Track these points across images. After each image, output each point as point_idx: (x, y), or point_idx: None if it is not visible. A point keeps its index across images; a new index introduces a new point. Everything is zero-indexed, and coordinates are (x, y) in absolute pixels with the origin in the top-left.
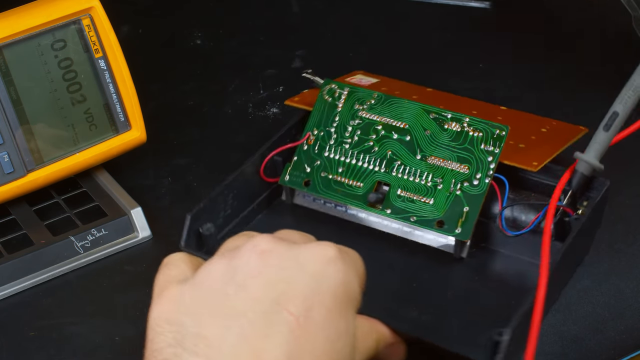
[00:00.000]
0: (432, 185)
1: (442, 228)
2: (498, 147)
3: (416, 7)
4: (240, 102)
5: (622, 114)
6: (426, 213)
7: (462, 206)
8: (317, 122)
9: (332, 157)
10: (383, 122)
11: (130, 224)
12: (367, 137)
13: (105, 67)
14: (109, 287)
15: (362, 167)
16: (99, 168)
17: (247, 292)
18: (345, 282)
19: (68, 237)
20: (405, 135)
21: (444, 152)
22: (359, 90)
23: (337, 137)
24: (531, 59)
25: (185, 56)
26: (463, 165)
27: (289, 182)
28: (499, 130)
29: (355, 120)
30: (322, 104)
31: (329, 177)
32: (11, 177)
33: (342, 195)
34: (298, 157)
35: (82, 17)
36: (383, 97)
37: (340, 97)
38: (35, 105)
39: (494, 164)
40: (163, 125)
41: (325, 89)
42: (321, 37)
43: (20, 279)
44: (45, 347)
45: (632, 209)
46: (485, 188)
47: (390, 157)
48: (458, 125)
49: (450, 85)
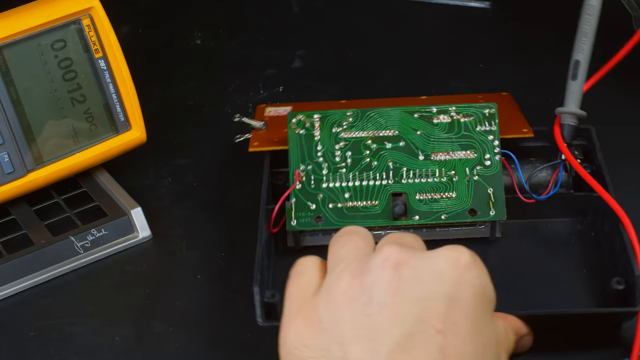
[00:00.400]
0: (448, 179)
1: (476, 215)
2: (495, 125)
3: (416, 7)
4: (240, 102)
5: (583, 60)
6: (454, 207)
7: (486, 188)
8: (300, 158)
9: (333, 187)
10: (371, 136)
11: (130, 224)
12: (361, 155)
13: (105, 67)
14: (109, 287)
15: (370, 185)
16: (99, 168)
17: (389, 311)
18: (483, 286)
19: (68, 237)
20: (398, 142)
21: (445, 145)
22: (330, 113)
23: (328, 165)
24: (531, 58)
25: (185, 56)
26: (469, 152)
27: (299, 225)
28: (488, 109)
29: (340, 143)
30: (297, 138)
31: (339, 206)
32: (11, 177)
33: (363, 219)
34: (297, 199)
35: (82, 17)
36: (359, 112)
37: (313, 125)
38: (35, 105)
39: (497, 140)
40: (163, 125)
41: (293, 122)
42: (321, 37)
43: (20, 279)
44: (45, 347)
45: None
46: (499, 166)
47: (394, 167)
48: (446, 116)
49: (450, 85)
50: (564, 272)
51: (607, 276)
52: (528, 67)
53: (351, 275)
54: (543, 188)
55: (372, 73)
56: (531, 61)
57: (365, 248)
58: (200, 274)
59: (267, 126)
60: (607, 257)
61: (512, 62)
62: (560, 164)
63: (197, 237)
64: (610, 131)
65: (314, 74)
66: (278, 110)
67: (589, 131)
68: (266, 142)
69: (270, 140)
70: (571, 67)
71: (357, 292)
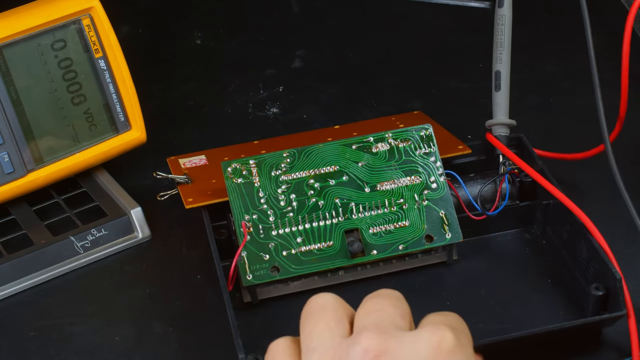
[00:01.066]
0: (398, 207)
1: (433, 241)
2: (433, 146)
3: (416, 7)
4: (240, 102)
5: (503, 70)
6: (410, 235)
7: (437, 212)
8: (244, 208)
9: (283, 233)
10: (312, 174)
11: (130, 224)
12: (306, 195)
13: (105, 67)
14: (109, 287)
15: (321, 225)
16: (99, 168)
17: None
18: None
19: (68, 237)
20: (341, 177)
21: (388, 174)
22: (266, 157)
23: (274, 211)
24: (531, 58)
25: (185, 56)
26: (414, 177)
27: (255, 279)
28: (424, 131)
29: (282, 187)
30: (236, 187)
31: (293, 252)
32: (11, 177)
33: (320, 262)
34: (248, 252)
35: (82, 17)
36: (296, 152)
37: (250, 172)
38: (35, 105)
39: (439, 162)
40: (163, 125)
41: (229, 172)
42: (321, 37)
43: (20, 279)
44: (45, 347)
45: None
46: (445, 187)
47: (342, 204)
48: (384, 143)
49: (450, 85)
50: (530, 285)
51: (576, 284)
52: (528, 67)
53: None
54: (489, 202)
55: (372, 73)
56: (531, 61)
57: (338, 328)
58: (200, 274)
59: (192, 179)
60: (571, 264)
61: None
62: (505, 176)
63: (197, 237)
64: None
65: (314, 74)
66: (193, 161)
67: (521, 139)
68: (200, 196)
69: (203, 193)
70: (493, 79)
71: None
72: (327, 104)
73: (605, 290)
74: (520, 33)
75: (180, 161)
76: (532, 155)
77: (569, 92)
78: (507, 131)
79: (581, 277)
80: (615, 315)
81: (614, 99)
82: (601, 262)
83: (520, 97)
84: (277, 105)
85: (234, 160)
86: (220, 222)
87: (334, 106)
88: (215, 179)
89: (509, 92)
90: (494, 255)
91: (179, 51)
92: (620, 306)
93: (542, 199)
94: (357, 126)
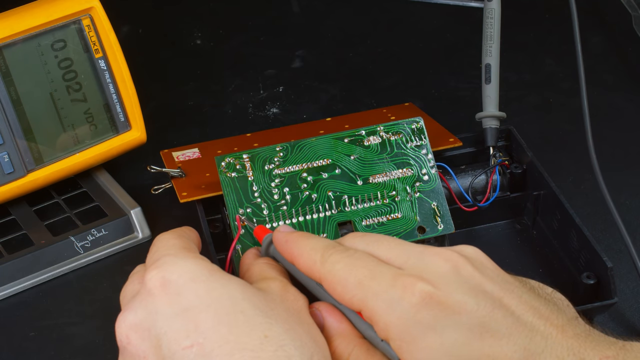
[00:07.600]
0: (390, 200)
1: (425, 232)
2: (424, 138)
3: (416, 7)
4: (240, 102)
5: (493, 63)
6: (402, 227)
7: (429, 204)
8: (237, 202)
9: (277, 226)
10: (305, 168)
11: (130, 224)
12: (299, 189)
13: (105, 67)
14: (109, 287)
15: (314, 218)
16: (99, 168)
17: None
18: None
19: (68, 237)
20: (334, 170)
21: (380, 166)
22: (259, 150)
23: (268, 205)
24: (531, 59)
25: (185, 56)
26: (405, 169)
27: None
28: (415, 124)
29: (276, 180)
30: (230, 182)
31: None
32: (11, 177)
33: None
34: (243, 245)
35: (82, 17)
36: (289, 146)
37: (244, 166)
38: (35, 105)
39: (430, 154)
40: (163, 125)
41: (223, 166)
42: (321, 37)
43: (20, 279)
44: (45, 347)
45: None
46: (437, 179)
47: (335, 197)
48: (376, 137)
49: (450, 85)
50: (521, 275)
51: (568, 273)
52: (528, 67)
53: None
54: (480, 194)
55: (372, 73)
56: (531, 61)
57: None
58: None
59: (185, 172)
60: (563, 254)
61: (512, 62)
62: (496, 168)
63: None
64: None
65: (314, 74)
66: (186, 154)
67: (511, 131)
68: (194, 190)
69: (197, 187)
70: (483, 72)
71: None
72: (327, 104)
73: (597, 278)
74: (520, 33)
75: (174, 154)
76: (521, 148)
77: (569, 92)
78: (497, 123)
79: (572, 267)
80: (606, 304)
81: (614, 98)
82: (592, 251)
83: (520, 97)
84: (277, 105)
85: (227, 154)
86: (215, 215)
87: (334, 106)
88: (209, 173)
89: (498, 85)
90: (485, 245)
91: (179, 51)
92: (611, 294)
93: (533, 190)
94: (349, 118)
